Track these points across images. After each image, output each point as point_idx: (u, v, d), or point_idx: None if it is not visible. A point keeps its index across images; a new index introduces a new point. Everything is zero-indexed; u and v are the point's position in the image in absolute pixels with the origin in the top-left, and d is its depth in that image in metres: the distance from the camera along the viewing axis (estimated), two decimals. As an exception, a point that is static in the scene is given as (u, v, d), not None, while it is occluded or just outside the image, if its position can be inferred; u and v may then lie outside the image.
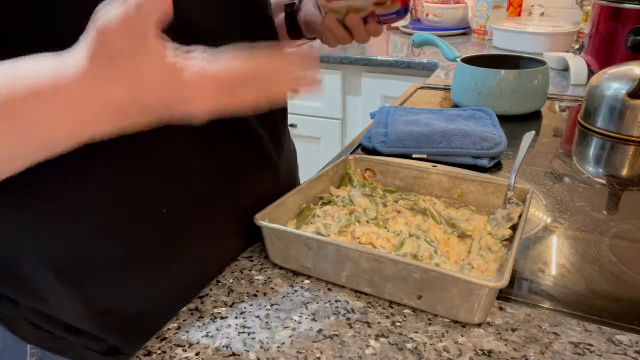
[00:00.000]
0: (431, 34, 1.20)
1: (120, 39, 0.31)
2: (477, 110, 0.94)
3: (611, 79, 0.93)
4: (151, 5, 0.30)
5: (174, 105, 0.35)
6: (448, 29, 1.91)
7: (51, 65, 0.33)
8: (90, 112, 0.33)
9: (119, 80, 0.32)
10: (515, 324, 0.46)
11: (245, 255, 0.57)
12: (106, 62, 0.32)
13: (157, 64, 0.33)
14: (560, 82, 1.27)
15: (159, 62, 0.33)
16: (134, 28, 0.31)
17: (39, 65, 0.33)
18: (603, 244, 0.59)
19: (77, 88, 0.32)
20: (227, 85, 0.34)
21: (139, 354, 0.44)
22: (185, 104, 0.35)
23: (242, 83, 0.35)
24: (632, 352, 0.43)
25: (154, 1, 0.30)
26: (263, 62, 0.34)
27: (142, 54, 0.32)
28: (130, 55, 0.32)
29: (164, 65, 0.33)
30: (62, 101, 0.33)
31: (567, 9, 1.83)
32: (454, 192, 0.64)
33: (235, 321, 0.47)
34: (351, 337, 0.45)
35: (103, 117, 0.34)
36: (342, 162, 0.68)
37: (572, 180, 0.76)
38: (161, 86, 0.33)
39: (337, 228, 0.56)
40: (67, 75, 0.32)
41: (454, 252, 0.55)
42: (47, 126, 0.33)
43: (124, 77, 0.32)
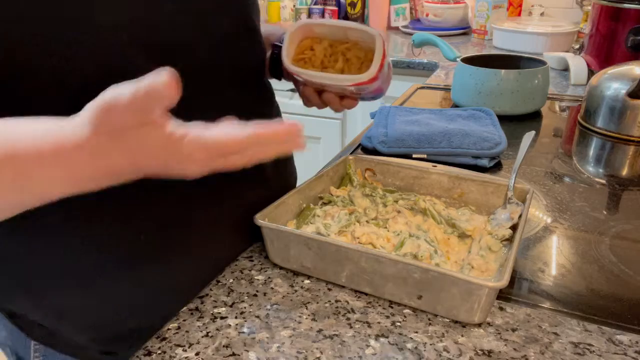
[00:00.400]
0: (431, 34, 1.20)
1: (125, 118, 0.33)
2: (477, 110, 0.94)
3: (611, 79, 0.93)
4: (159, 93, 0.31)
5: (169, 169, 0.37)
6: (448, 29, 1.92)
7: (52, 133, 0.34)
8: (88, 177, 0.36)
9: (120, 152, 0.34)
10: (515, 324, 0.46)
11: (245, 255, 0.57)
12: (108, 136, 0.34)
13: (158, 136, 0.34)
14: (560, 82, 1.27)
15: (160, 134, 0.34)
16: (140, 110, 0.33)
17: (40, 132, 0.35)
18: (603, 244, 0.59)
19: (77, 156, 0.34)
20: (219, 153, 0.36)
21: (139, 354, 0.44)
22: (179, 168, 0.37)
23: (233, 152, 0.37)
24: (632, 352, 0.43)
25: (162, 90, 0.31)
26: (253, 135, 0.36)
27: (144, 130, 0.34)
28: (133, 132, 0.34)
29: (163, 136, 0.35)
30: (63, 167, 0.34)
31: (567, 9, 1.83)
32: (454, 192, 0.64)
33: (235, 321, 0.47)
34: (351, 337, 0.45)
35: (101, 180, 0.36)
36: (342, 162, 0.68)
37: (572, 180, 0.76)
38: (159, 155, 0.35)
39: (337, 228, 0.56)
40: (69, 144, 0.34)
41: (454, 252, 0.55)
42: (45, 186, 0.35)
43: (124, 149, 0.34)
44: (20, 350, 0.59)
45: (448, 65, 1.46)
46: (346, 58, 0.58)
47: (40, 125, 0.35)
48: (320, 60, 0.58)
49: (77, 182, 0.36)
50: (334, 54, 0.58)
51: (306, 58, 0.58)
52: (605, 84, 0.93)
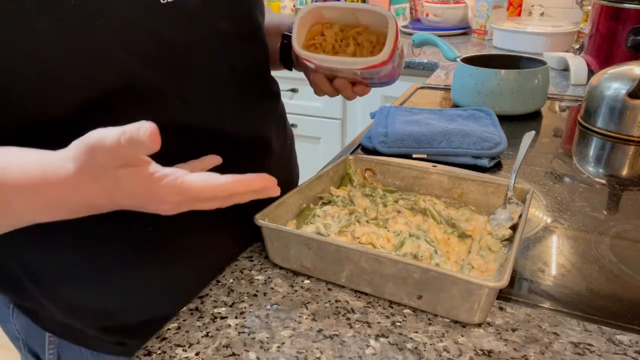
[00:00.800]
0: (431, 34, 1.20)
1: (107, 160, 0.35)
2: (477, 110, 0.94)
3: (611, 79, 0.93)
4: (142, 143, 0.33)
5: (145, 207, 0.39)
6: (448, 29, 1.91)
7: (39, 166, 0.37)
8: (67, 209, 0.38)
9: (99, 190, 0.37)
10: (515, 324, 0.46)
11: (245, 255, 0.57)
12: (90, 174, 0.36)
13: (136, 178, 0.36)
14: (560, 82, 1.27)
15: (139, 176, 0.36)
16: (122, 155, 0.34)
17: (26, 164, 0.37)
18: (603, 244, 0.59)
19: (60, 190, 0.37)
20: (194, 198, 0.38)
21: (139, 353, 0.44)
22: (154, 208, 0.39)
23: (207, 199, 0.38)
24: (632, 352, 0.43)
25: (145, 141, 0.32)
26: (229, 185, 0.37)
27: (124, 172, 0.36)
28: (113, 172, 0.36)
29: (142, 177, 0.36)
30: (45, 198, 0.37)
31: (567, 9, 1.83)
32: (454, 192, 0.64)
33: (235, 321, 0.47)
34: (351, 337, 0.45)
35: (79, 212, 0.39)
36: (342, 162, 0.68)
37: (572, 180, 0.76)
38: (136, 195, 0.37)
39: (337, 228, 0.56)
40: (54, 178, 0.36)
41: (454, 252, 0.55)
42: (28, 214, 0.38)
43: (103, 188, 0.36)
44: (34, 343, 0.59)
45: (448, 65, 1.46)
46: (357, 42, 0.57)
47: (28, 157, 0.37)
48: (331, 45, 0.57)
49: (56, 212, 0.38)
50: (345, 38, 0.57)
51: (317, 44, 0.57)
52: (605, 84, 0.93)
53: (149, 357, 0.43)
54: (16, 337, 0.61)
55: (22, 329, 0.59)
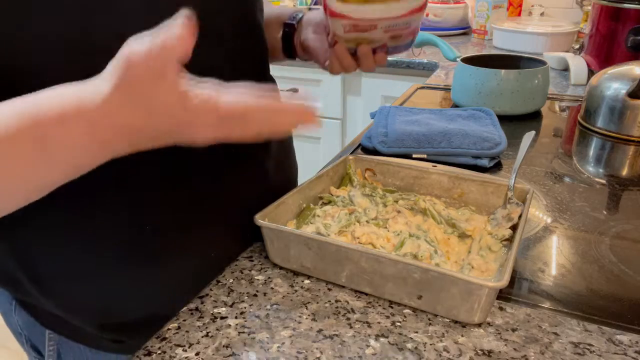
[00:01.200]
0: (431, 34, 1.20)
1: (142, 69, 0.34)
2: (477, 110, 0.94)
3: (611, 79, 0.93)
4: (174, 47, 0.33)
5: (181, 130, 0.38)
6: (448, 29, 1.91)
7: (74, 92, 0.36)
8: (109, 134, 0.37)
9: (136, 108, 0.36)
10: (515, 324, 0.46)
11: (245, 255, 0.57)
12: (126, 91, 0.35)
13: (172, 92, 0.36)
14: (560, 82, 1.27)
15: (174, 90, 0.36)
16: (155, 62, 0.34)
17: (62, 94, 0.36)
18: (603, 244, 0.59)
19: (99, 112, 0.35)
20: (231, 116, 0.37)
21: (139, 353, 0.44)
22: (190, 131, 0.38)
23: (245, 117, 0.37)
24: (632, 352, 0.43)
25: (177, 43, 0.33)
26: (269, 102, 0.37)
27: (159, 83, 0.35)
28: (149, 87, 0.35)
29: (176, 92, 0.36)
30: (84, 127, 0.35)
31: (567, 9, 1.83)
32: (454, 192, 0.64)
33: (235, 321, 0.47)
34: (351, 337, 0.45)
35: (120, 139, 0.37)
36: (342, 162, 0.68)
37: (572, 180, 0.76)
38: (173, 112, 0.36)
39: (337, 228, 0.56)
40: (90, 101, 0.35)
41: (454, 252, 0.55)
42: (71, 149, 0.36)
43: (140, 105, 0.36)
44: (35, 339, 0.60)
45: (448, 65, 1.46)
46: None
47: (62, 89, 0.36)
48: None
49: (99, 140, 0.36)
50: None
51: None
52: (605, 84, 0.93)
53: (149, 357, 0.43)
54: (19, 332, 0.61)
55: (24, 324, 0.60)
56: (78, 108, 0.35)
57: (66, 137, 0.35)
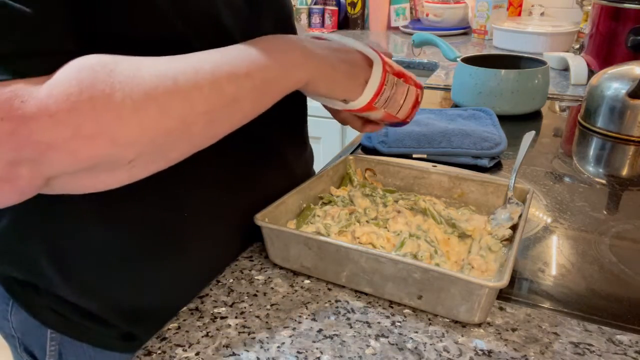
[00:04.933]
0: (431, 34, 1.20)
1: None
2: (477, 110, 0.94)
3: (611, 79, 0.93)
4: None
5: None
6: (448, 29, 1.92)
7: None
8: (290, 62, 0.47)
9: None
10: (515, 324, 0.46)
11: (245, 255, 0.57)
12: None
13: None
14: (560, 82, 1.27)
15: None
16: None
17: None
18: (603, 244, 0.59)
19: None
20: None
21: (139, 353, 0.44)
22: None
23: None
24: (632, 352, 0.43)
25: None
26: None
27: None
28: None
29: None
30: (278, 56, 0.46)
31: (567, 9, 1.83)
32: (454, 192, 0.64)
33: (235, 321, 0.47)
34: (351, 337, 0.45)
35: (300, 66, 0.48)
36: (342, 162, 0.68)
37: (572, 180, 0.76)
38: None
39: (337, 228, 0.56)
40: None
41: (454, 252, 0.55)
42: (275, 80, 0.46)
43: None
44: (32, 341, 0.59)
45: (448, 65, 1.46)
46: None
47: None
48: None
49: (285, 65, 0.47)
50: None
51: None
52: (605, 84, 0.93)
53: (149, 357, 0.43)
54: (12, 335, 0.61)
55: (20, 326, 0.59)
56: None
57: (268, 68, 0.45)
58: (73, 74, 0.35)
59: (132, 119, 0.36)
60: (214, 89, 0.41)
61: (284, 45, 0.48)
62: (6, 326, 0.60)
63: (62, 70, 0.35)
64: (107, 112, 0.35)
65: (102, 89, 0.35)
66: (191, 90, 0.40)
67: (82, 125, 0.34)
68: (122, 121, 0.36)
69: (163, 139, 0.39)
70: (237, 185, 0.56)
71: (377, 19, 2.07)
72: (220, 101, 0.42)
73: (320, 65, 0.50)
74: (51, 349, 0.58)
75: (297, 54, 0.48)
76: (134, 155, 0.38)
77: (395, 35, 1.99)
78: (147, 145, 0.38)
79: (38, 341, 0.58)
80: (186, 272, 0.54)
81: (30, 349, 0.60)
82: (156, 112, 0.38)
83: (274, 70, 0.46)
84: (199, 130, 0.42)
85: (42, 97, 0.33)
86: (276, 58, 0.46)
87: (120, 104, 0.36)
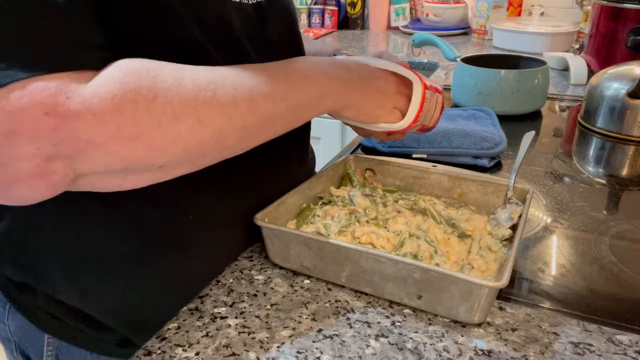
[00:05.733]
0: (431, 34, 1.20)
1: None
2: (477, 110, 0.94)
3: (611, 79, 0.93)
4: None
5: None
6: (448, 28, 1.91)
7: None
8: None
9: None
10: (515, 324, 0.46)
11: (245, 255, 0.57)
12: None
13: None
14: (560, 82, 1.27)
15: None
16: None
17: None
18: (603, 244, 0.59)
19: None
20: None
21: (139, 353, 0.44)
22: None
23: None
24: (632, 352, 0.43)
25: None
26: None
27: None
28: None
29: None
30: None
31: (567, 9, 1.83)
32: (454, 192, 0.64)
33: (235, 321, 0.47)
34: (351, 337, 0.45)
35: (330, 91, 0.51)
36: (342, 162, 0.68)
37: (572, 180, 0.76)
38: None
39: (337, 228, 0.56)
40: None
41: (454, 252, 0.55)
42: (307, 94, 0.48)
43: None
44: (28, 346, 0.59)
45: (448, 65, 1.46)
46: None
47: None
48: None
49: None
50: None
51: None
52: (605, 84, 0.93)
53: (149, 357, 0.43)
54: (8, 339, 0.60)
55: (17, 330, 0.59)
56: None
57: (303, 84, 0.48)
58: (118, 76, 0.36)
59: (170, 125, 0.37)
60: (251, 107, 0.43)
61: (321, 72, 0.50)
62: (3, 330, 0.60)
63: (107, 70, 0.36)
64: (147, 117, 0.36)
65: (145, 94, 0.36)
66: (229, 105, 0.41)
67: (123, 127, 0.35)
68: (160, 127, 0.37)
69: (196, 148, 0.40)
70: (241, 189, 0.56)
71: (377, 19, 2.07)
72: (256, 119, 0.43)
73: (352, 96, 0.53)
74: (48, 353, 0.57)
75: (333, 84, 0.50)
76: (165, 161, 0.39)
77: (395, 35, 1.99)
78: (179, 152, 0.39)
79: (35, 345, 0.58)
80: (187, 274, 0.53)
81: (27, 353, 0.59)
82: (194, 122, 0.39)
83: (308, 96, 0.48)
84: (232, 143, 0.43)
85: (87, 96, 0.34)
86: (312, 84, 0.48)
87: (161, 110, 0.37)
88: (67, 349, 0.57)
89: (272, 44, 0.56)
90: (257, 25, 0.54)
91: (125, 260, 0.51)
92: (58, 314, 0.55)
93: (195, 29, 0.45)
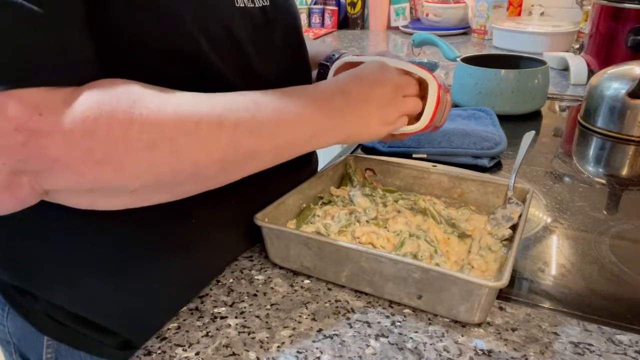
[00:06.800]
0: (431, 34, 1.20)
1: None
2: (478, 110, 0.94)
3: (611, 79, 0.93)
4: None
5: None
6: (448, 28, 1.91)
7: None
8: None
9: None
10: (515, 323, 0.46)
11: (245, 255, 0.57)
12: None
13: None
14: (560, 82, 1.27)
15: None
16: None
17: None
18: (603, 244, 0.59)
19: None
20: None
21: (139, 353, 0.44)
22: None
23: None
24: (632, 352, 0.43)
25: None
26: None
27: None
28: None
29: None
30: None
31: (567, 8, 1.83)
32: (454, 192, 0.64)
33: (235, 321, 0.47)
34: (351, 337, 0.45)
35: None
36: (342, 162, 0.68)
37: (572, 180, 0.76)
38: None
39: (337, 228, 0.56)
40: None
41: (454, 252, 0.55)
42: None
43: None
44: (28, 348, 0.59)
45: (448, 65, 1.45)
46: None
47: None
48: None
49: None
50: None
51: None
52: (605, 83, 0.93)
53: (149, 357, 0.43)
54: (7, 340, 0.60)
55: (17, 332, 0.58)
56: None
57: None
58: (96, 97, 0.35)
59: (144, 153, 0.37)
60: (233, 142, 0.41)
61: (317, 110, 0.48)
62: (2, 331, 0.60)
63: (87, 88, 0.35)
64: (121, 142, 0.35)
65: (120, 118, 0.35)
66: (209, 138, 0.40)
67: (93, 150, 0.34)
68: (132, 154, 0.36)
69: (170, 176, 0.39)
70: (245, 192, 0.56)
71: (377, 19, 2.07)
72: (237, 154, 0.42)
73: (350, 127, 0.51)
74: (47, 356, 0.57)
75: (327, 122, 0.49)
76: (137, 186, 0.38)
77: (395, 35, 1.99)
78: (151, 179, 0.38)
79: (34, 347, 0.57)
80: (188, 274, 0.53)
81: (27, 355, 0.59)
82: (169, 152, 0.38)
83: (299, 137, 0.47)
84: (212, 175, 0.43)
85: (60, 114, 0.33)
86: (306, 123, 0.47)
87: (136, 137, 0.36)
88: (66, 351, 0.57)
89: (276, 48, 0.56)
90: (261, 29, 0.53)
91: (126, 262, 0.51)
92: (58, 317, 0.55)
93: (202, 39, 0.45)
